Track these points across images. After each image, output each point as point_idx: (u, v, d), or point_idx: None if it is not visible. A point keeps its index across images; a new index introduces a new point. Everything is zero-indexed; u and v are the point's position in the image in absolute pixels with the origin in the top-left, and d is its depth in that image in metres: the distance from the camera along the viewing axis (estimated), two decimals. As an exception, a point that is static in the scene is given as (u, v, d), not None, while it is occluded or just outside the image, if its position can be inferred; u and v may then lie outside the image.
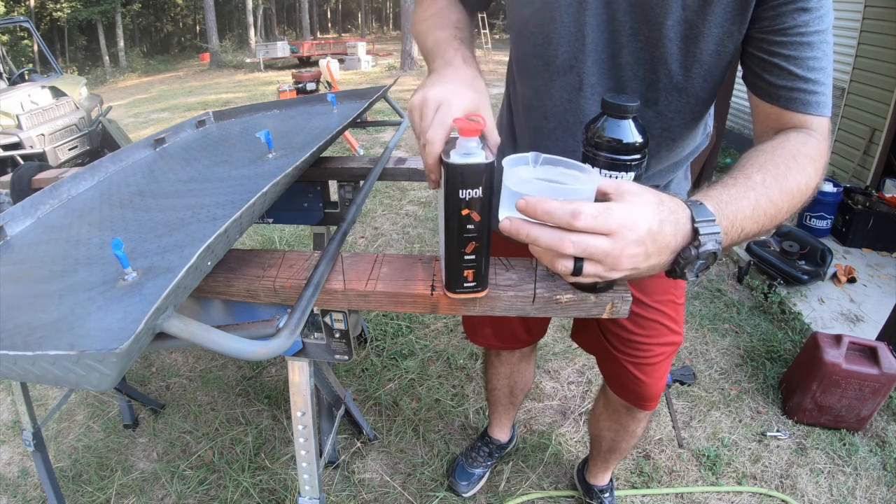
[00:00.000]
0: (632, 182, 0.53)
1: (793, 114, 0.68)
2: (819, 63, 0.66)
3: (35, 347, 0.52)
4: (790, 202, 0.61)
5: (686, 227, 0.52)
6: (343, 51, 14.24)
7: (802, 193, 0.62)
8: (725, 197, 0.57)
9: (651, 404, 1.15)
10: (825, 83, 0.67)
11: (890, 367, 1.67)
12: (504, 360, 1.41)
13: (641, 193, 0.51)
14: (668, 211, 0.51)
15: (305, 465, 1.02)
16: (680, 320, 1.06)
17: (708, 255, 0.52)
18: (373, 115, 4.06)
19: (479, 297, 0.71)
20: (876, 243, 3.04)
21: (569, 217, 0.47)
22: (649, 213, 0.49)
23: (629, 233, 0.48)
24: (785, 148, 0.64)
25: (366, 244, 3.25)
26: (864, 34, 3.57)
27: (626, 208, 0.48)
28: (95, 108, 4.71)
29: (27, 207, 0.97)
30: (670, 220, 0.51)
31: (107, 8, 20.23)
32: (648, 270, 0.52)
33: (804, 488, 1.60)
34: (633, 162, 0.60)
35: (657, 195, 0.52)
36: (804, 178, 0.62)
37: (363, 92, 1.67)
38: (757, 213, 0.58)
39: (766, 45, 0.67)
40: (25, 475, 1.67)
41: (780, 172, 0.61)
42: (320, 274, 0.74)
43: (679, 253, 0.53)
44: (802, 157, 0.63)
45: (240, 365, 2.11)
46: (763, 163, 0.62)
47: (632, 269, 0.50)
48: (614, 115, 0.60)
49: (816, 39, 0.64)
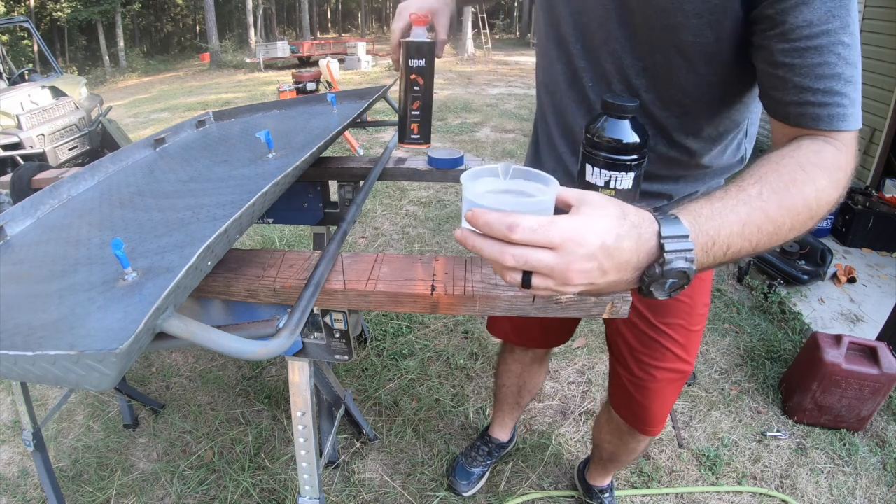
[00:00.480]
0: (597, 194, 0.50)
1: (807, 131, 0.61)
2: (832, 69, 0.58)
3: (35, 347, 0.52)
4: (794, 218, 0.54)
5: (651, 242, 0.48)
6: (343, 51, 14.23)
7: (810, 207, 0.55)
8: (707, 211, 0.51)
9: (651, 430, 1.11)
10: (843, 91, 0.59)
11: (890, 367, 1.67)
12: (517, 357, 1.41)
13: (602, 206, 0.47)
14: (629, 225, 0.47)
15: (305, 465, 1.02)
16: (691, 349, 1.00)
17: (677, 273, 0.47)
18: (373, 115, 4.06)
19: (422, 147, 0.93)
20: (876, 243, 3.04)
21: (504, 229, 0.45)
22: (604, 227, 0.46)
23: (577, 247, 0.45)
24: (794, 157, 0.57)
25: (366, 244, 3.25)
26: (864, 34, 3.57)
27: (575, 222, 0.46)
28: (95, 108, 4.71)
29: (27, 207, 0.97)
30: (630, 236, 0.47)
31: (107, 8, 20.23)
32: (610, 287, 0.49)
33: (804, 488, 1.60)
34: (632, 162, 0.61)
35: (621, 208, 0.48)
36: (813, 192, 0.55)
37: (363, 92, 1.67)
38: (748, 230, 0.52)
39: (770, 56, 0.61)
40: (25, 475, 1.67)
41: (781, 185, 0.54)
42: (320, 274, 0.74)
43: (643, 270, 0.49)
44: (814, 167, 0.56)
45: (240, 365, 2.11)
46: (764, 173, 0.56)
47: (588, 285, 0.47)
48: (614, 115, 0.60)
49: (825, 42, 0.57)
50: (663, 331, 0.98)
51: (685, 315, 0.98)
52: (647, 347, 1.00)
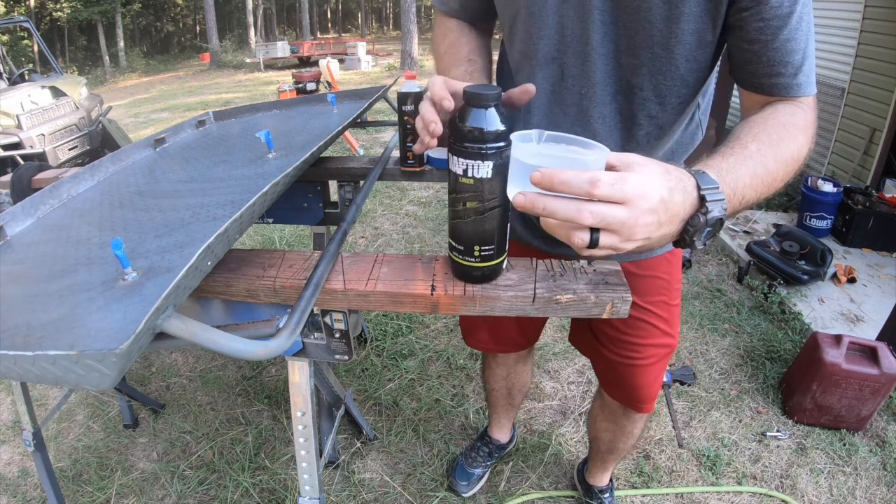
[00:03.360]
0: (634, 154, 0.52)
1: (778, 98, 0.70)
2: (799, 44, 0.66)
3: (35, 347, 0.52)
4: (784, 170, 0.63)
5: (693, 194, 0.53)
6: (343, 51, 14.24)
7: (795, 160, 0.65)
8: (725, 166, 0.58)
9: (646, 406, 1.14)
10: (806, 62, 0.68)
11: (890, 367, 1.67)
12: (500, 362, 1.41)
13: (648, 164, 0.51)
14: (675, 179, 0.51)
15: (305, 465, 1.02)
16: (674, 322, 1.05)
17: (715, 221, 0.53)
18: (373, 115, 4.06)
19: (416, 171, 1.15)
20: (876, 243, 3.04)
21: (587, 185, 0.46)
22: (659, 182, 0.50)
23: (643, 201, 0.48)
24: (776, 118, 0.66)
25: (366, 244, 3.25)
26: (864, 34, 3.57)
27: (639, 177, 0.48)
28: (95, 108, 4.71)
29: (27, 207, 0.97)
30: (679, 189, 0.51)
31: (107, 8, 20.23)
32: (660, 240, 0.52)
33: (804, 488, 1.60)
34: (488, 151, 0.62)
35: (663, 165, 0.52)
36: (796, 147, 0.65)
37: (363, 92, 1.67)
38: (755, 182, 0.59)
39: (744, 34, 0.67)
40: (25, 475, 1.67)
41: (773, 141, 0.63)
42: (320, 274, 0.74)
43: (687, 221, 0.53)
44: (793, 126, 0.66)
45: (240, 365, 2.11)
46: (757, 133, 0.64)
47: (645, 239, 0.50)
48: (475, 105, 0.61)
49: (794, 21, 0.65)
50: (648, 310, 1.01)
51: (665, 291, 1.02)
52: (635, 328, 1.03)
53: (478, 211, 0.67)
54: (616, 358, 1.07)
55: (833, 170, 3.87)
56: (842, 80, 3.78)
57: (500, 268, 0.76)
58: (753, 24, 0.66)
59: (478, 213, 0.68)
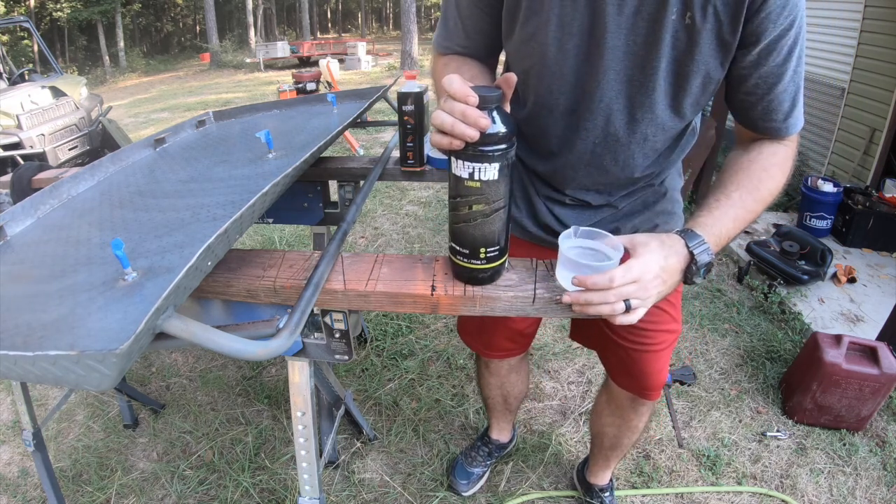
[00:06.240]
0: (641, 235, 0.71)
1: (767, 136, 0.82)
2: (789, 94, 0.76)
3: (35, 347, 0.52)
4: (763, 205, 0.79)
5: (683, 252, 0.71)
6: (343, 51, 14.23)
7: (773, 195, 0.79)
8: (710, 221, 0.75)
9: (654, 394, 1.17)
10: (796, 107, 0.78)
11: (890, 367, 1.67)
12: (493, 370, 1.42)
13: (647, 243, 0.69)
14: (668, 247, 0.70)
15: (305, 465, 1.02)
16: (678, 308, 1.10)
17: (706, 264, 0.72)
18: (373, 115, 4.06)
19: (416, 171, 1.16)
20: (876, 243, 3.03)
21: (608, 282, 0.66)
22: (657, 256, 0.68)
23: (647, 275, 0.67)
24: (759, 162, 0.80)
25: (366, 244, 3.25)
26: (864, 34, 3.57)
27: (641, 260, 0.68)
28: (95, 108, 4.71)
29: (27, 207, 0.97)
30: (672, 253, 0.70)
31: (107, 8, 20.23)
32: (670, 288, 0.72)
33: (804, 488, 1.60)
34: (495, 153, 0.62)
35: (658, 239, 0.70)
36: (774, 184, 0.79)
37: (363, 92, 1.67)
38: (737, 223, 0.76)
39: (742, 87, 0.78)
40: (25, 475, 1.67)
41: (753, 185, 0.78)
42: (320, 274, 0.74)
43: (685, 271, 0.72)
44: (773, 166, 0.80)
45: (240, 365, 2.11)
46: (740, 180, 0.79)
47: (659, 294, 0.70)
48: (481, 107, 0.61)
49: (788, 73, 0.74)
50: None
51: None
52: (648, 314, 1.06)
53: (484, 213, 0.68)
54: (629, 345, 1.09)
55: (833, 170, 3.86)
56: (842, 80, 3.78)
57: (502, 268, 0.76)
58: (751, 81, 0.76)
59: (484, 215, 0.68)
